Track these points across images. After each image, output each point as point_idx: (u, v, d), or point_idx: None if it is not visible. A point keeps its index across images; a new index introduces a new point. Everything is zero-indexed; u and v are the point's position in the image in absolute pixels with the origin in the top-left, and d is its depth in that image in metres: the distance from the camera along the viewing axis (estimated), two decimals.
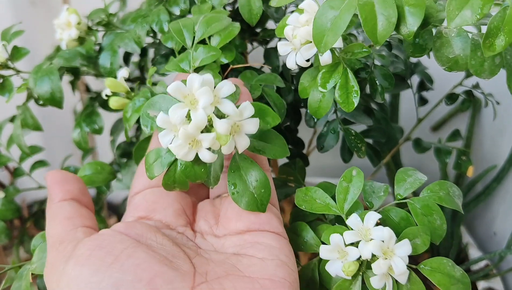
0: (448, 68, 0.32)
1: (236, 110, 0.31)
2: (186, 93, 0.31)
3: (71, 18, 0.50)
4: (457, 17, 0.29)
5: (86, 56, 0.48)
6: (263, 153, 0.34)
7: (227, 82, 0.32)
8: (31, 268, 0.38)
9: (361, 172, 0.37)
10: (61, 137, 0.79)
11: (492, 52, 0.28)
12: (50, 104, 0.45)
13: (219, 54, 0.38)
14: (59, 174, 0.39)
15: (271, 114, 0.34)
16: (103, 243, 0.31)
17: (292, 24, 0.36)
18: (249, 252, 0.33)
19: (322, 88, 0.36)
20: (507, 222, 0.67)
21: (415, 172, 0.39)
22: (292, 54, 0.38)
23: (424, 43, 0.33)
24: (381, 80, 0.40)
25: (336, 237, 0.34)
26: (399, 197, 0.38)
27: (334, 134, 0.46)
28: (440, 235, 0.36)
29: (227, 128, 0.30)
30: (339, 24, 0.28)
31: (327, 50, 0.29)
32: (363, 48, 0.34)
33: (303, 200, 0.38)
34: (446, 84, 0.63)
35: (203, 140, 0.31)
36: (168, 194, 0.37)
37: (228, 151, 0.32)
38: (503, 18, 0.28)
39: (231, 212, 0.36)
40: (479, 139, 0.73)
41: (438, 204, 0.36)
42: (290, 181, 0.47)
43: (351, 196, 0.36)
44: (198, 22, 0.39)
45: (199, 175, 0.34)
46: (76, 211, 0.36)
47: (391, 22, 0.28)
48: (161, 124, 0.31)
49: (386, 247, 0.33)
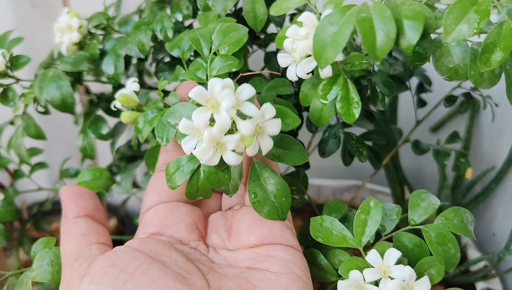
0: (448, 77, 0.33)
1: (258, 112, 0.31)
2: (208, 97, 0.31)
3: (72, 21, 0.49)
4: (454, 31, 0.29)
5: (92, 60, 0.47)
6: (282, 160, 0.35)
7: (247, 85, 0.32)
8: (31, 275, 0.38)
9: (379, 204, 0.37)
10: (60, 139, 0.79)
11: (488, 68, 0.29)
12: (62, 110, 0.45)
13: (236, 63, 0.38)
14: (73, 189, 0.39)
15: (291, 116, 0.34)
16: (117, 260, 0.31)
17: (292, 37, 0.36)
18: (263, 266, 0.33)
19: (323, 100, 0.36)
20: (506, 223, 0.68)
21: (428, 195, 0.39)
22: (292, 66, 0.38)
23: (424, 52, 0.33)
24: (382, 87, 0.40)
25: (355, 274, 0.33)
26: (412, 222, 0.38)
27: (335, 139, 0.46)
28: (454, 263, 0.36)
29: (251, 129, 0.31)
30: (339, 40, 0.28)
31: (327, 65, 0.29)
32: (363, 59, 0.34)
33: (319, 231, 0.37)
34: (445, 86, 0.64)
35: (228, 142, 0.31)
36: (179, 208, 0.37)
37: (252, 153, 0.32)
38: (499, 33, 0.28)
39: (243, 225, 0.36)
40: (478, 140, 0.73)
41: (452, 232, 0.36)
42: (293, 191, 0.47)
43: (369, 229, 0.36)
44: (215, 31, 0.39)
45: (223, 181, 0.34)
46: (90, 228, 0.37)
47: (391, 37, 0.28)
48: (184, 130, 0.32)
49: (406, 285, 0.33)
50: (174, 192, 0.38)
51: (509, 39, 0.28)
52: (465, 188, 0.73)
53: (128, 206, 0.74)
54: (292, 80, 0.38)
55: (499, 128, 0.68)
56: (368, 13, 0.29)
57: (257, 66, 0.52)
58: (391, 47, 0.27)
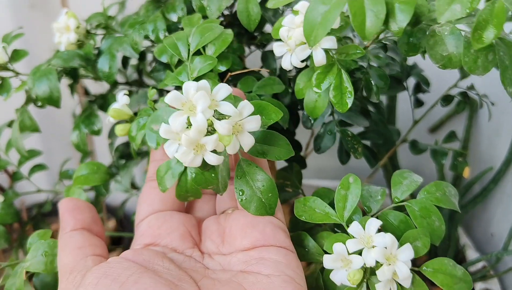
0: (442, 65, 0.33)
1: (235, 110, 0.32)
2: (183, 100, 0.31)
3: (69, 22, 0.50)
4: (447, 11, 0.29)
5: (85, 58, 0.48)
6: (266, 156, 0.35)
7: (224, 84, 0.33)
8: (25, 266, 0.38)
9: (358, 179, 0.37)
10: (60, 140, 0.79)
11: (480, 45, 0.29)
12: (48, 103, 0.45)
13: (215, 62, 0.38)
14: (71, 202, 0.40)
15: (272, 109, 0.34)
16: (110, 271, 0.31)
17: (287, 26, 0.37)
18: (255, 269, 0.33)
19: (317, 89, 0.36)
20: (504, 223, 0.68)
21: (410, 174, 0.40)
22: (287, 55, 0.38)
23: (417, 42, 0.34)
24: (377, 80, 0.40)
25: (339, 246, 0.34)
26: (396, 200, 0.38)
27: (330, 135, 0.46)
28: (439, 236, 0.36)
29: (228, 128, 0.31)
30: (329, 19, 0.29)
31: (316, 43, 0.30)
32: (357, 49, 0.35)
33: (303, 210, 0.38)
34: (442, 86, 0.64)
35: (206, 143, 0.31)
36: (173, 217, 0.38)
37: (233, 151, 0.32)
38: (492, 11, 0.29)
39: (236, 229, 0.36)
40: (476, 140, 0.73)
41: (436, 205, 0.37)
42: (287, 185, 0.47)
43: (350, 203, 0.37)
44: (191, 33, 0.40)
45: (210, 181, 0.34)
46: (86, 241, 0.37)
47: (380, 18, 0.28)
48: (164, 135, 0.32)
49: (389, 253, 0.33)
50: (167, 201, 0.39)
51: (502, 16, 0.28)
52: (463, 189, 0.73)
53: (127, 207, 0.75)
54: (287, 68, 0.38)
55: (497, 128, 0.68)
56: None
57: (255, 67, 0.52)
58: (379, 27, 0.28)
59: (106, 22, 0.52)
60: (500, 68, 0.31)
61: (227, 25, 0.51)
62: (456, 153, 0.63)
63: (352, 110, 0.46)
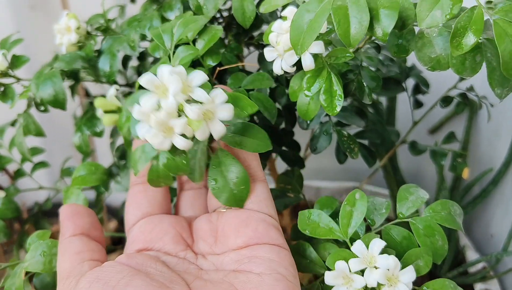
0: (431, 68, 0.33)
1: (208, 97, 0.32)
2: (158, 83, 0.32)
3: (70, 23, 0.51)
4: (427, 17, 0.29)
5: (86, 59, 0.49)
6: (243, 147, 0.35)
7: (199, 71, 0.33)
8: (24, 266, 0.38)
9: (364, 195, 0.37)
10: (61, 141, 0.80)
11: (460, 52, 0.29)
12: (54, 106, 0.46)
13: (197, 52, 0.39)
14: (71, 208, 0.40)
15: (248, 102, 0.35)
16: (102, 275, 0.32)
17: (276, 31, 0.37)
18: (247, 268, 0.33)
19: (308, 92, 0.36)
20: (504, 224, 0.68)
21: (417, 189, 0.40)
22: (277, 60, 0.38)
23: (407, 44, 0.34)
24: (369, 81, 0.40)
25: (341, 264, 0.34)
26: (401, 216, 0.38)
27: (326, 135, 0.46)
28: (442, 255, 0.36)
29: (197, 113, 0.31)
30: (315, 27, 0.29)
31: (304, 51, 0.30)
32: (346, 52, 0.35)
33: (306, 224, 0.38)
34: (441, 87, 0.64)
35: (175, 125, 0.31)
36: (163, 221, 0.38)
37: (202, 137, 0.32)
38: (470, 17, 0.29)
39: (229, 229, 0.36)
40: (476, 141, 0.73)
41: (440, 224, 0.37)
42: (288, 190, 0.48)
43: (354, 220, 0.37)
44: (176, 25, 0.40)
45: (181, 167, 0.34)
46: (85, 246, 0.37)
47: (363, 25, 0.28)
48: (136, 116, 0.32)
49: (391, 274, 0.33)
50: (155, 203, 0.39)
51: (480, 23, 0.28)
52: (463, 190, 0.73)
53: None
54: (278, 73, 0.39)
55: (496, 129, 0.68)
56: (344, 1, 0.29)
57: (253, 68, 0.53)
58: (364, 34, 0.28)
59: (106, 23, 0.53)
60: (487, 69, 0.31)
61: (226, 25, 0.52)
62: (455, 154, 0.63)
63: (348, 110, 0.47)
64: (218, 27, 0.41)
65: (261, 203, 0.37)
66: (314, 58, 0.35)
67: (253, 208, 0.37)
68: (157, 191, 0.40)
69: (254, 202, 0.37)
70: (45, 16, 0.79)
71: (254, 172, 0.37)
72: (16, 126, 0.52)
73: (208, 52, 0.41)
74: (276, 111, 0.42)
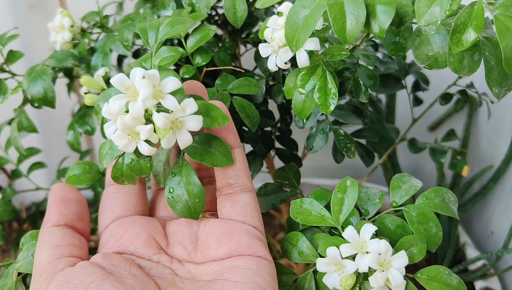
0: (428, 66, 0.32)
1: (178, 106, 0.31)
2: (128, 85, 0.31)
3: (64, 21, 0.51)
4: (426, 14, 0.29)
5: (78, 57, 0.48)
6: (203, 160, 0.34)
7: (173, 78, 0.32)
8: (16, 267, 0.38)
9: (355, 182, 0.37)
10: (59, 139, 0.80)
11: (460, 48, 0.28)
12: (43, 103, 0.45)
13: (179, 56, 0.38)
14: (61, 192, 0.38)
15: (219, 114, 0.34)
16: (71, 278, 0.31)
17: (271, 27, 0.37)
18: (224, 277, 0.33)
19: (302, 89, 0.36)
20: (504, 221, 0.67)
21: (410, 178, 0.39)
22: (272, 56, 0.38)
23: (404, 41, 0.33)
24: (365, 79, 0.40)
25: (332, 250, 0.33)
26: (394, 204, 0.38)
27: (323, 134, 0.46)
28: (436, 242, 0.36)
29: (164, 122, 0.30)
30: (310, 23, 0.29)
31: (299, 48, 0.29)
32: (342, 50, 0.34)
33: (298, 212, 0.38)
34: (441, 84, 0.64)
35: (141, 131, 0.31)
36: (134, 223, 0.37)
37: (167, 145, 0.32)
38: (470, 13, 0.28)
39: (211, 239, 0.35)
40: (476, 138, 0.73)
41: (434, 211, 0.36)
42: (285, 185, 0.47)
43: (346, 207, 0.36)
44: (164, 23, 0.40)
45: (144, 169, 0.34)
46: (67, 239, 0.35)
47: (360, 21, 0.28)
48: (105, 115, 0.31)
49: (383, 260, 0.33)
50: (127, 206, 0.38)
51: (481, 19, 0.28)
52: (463, 187, 0.73)
53: None
54: (272, 70, 0.38)
55: (496, 126, 0.68)
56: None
57: (251, 65, 0.52)
58: (360, 30, 0.27)
59: (101, 21, 0.53)
60: (485, 68, 0.30)
61: (221, 23, 0.51)
62: (455, 152, 0.63)
63: (345, 109, 0.46)
64: (212, 26, 0.41)
65: (247, 214, 0.36)
66: (309, 55, 0.35)
67: (238, 219, 0.36)
68: (132, 192, 0.38)
69: (239, 213, 0.36)
70: (43, 15, 0.79)
71: (242, 182, 0.37)
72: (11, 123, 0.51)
73: (198, 50, 0.41)
74: (258, 119, 0.42)
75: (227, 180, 0.36)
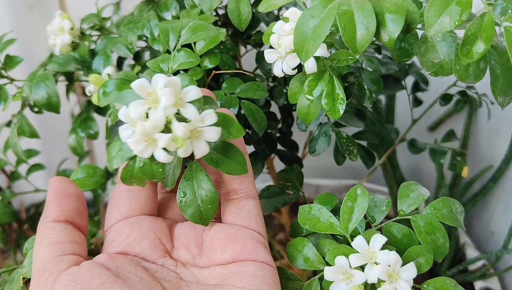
0: (434, 73, 0.32)
1: (198, 116, 0.31)
2: (150, 91, 0.31)
3: (63, 23, 0.50)
4: (435, 23, 0.28)
5: (80, 61, 0.48)
6: (218, 167, 0.34)
7: (194, 87, 0.32)
8: (22, 272, 0.37)
9: (366, 191, 0.37)
10: (58, 140, 0.79)
11: (469, 60, 0.28)
12: (47, 109, 0.45)
13: (198, 61, 0.38)
14: (61, 185, 0.37)
15: (235, 126, 0.33)
16: (79, 278, 0.30)
17: (277, 33, 0.36)
18: (230, 282, 0.33)
19: (309, 96, 0.36)
20: (504, 221, 0.67)
21: (417, 186, 0.39)
22: (278, 62, 0.38)
23: (410, 47, 0.33)
24: (369, 84, 0.39)
25: (341, 259, 0.33)
26: (402, 213, 0.37)
27: (325, 137, 0.46)
28: (443, 253, 0.36)
29: (184, 132, 0.30)
30: (319, 33, 0.28)
31: (308, 58, 0.29)
32: (349, 56, 0.34)
33: (307, 218, 0.38)
34: (441, 85, 0.63)
35: (159, 139, 0.31)
36: (141, 224, 0.36)
37: (184, 155, 0.31)
38: (480, 25, 0.28)
39: (216, 243, 0.35)
40: (476, 139, 0.73)
41: (441, 221, 0.36)
42: (288, 187, 0.47)
43: (355, 216, 0.36)
44: (186, 27, 0.39)
45: (156, 174, 0.34)
46: (67, 236, 0.34)
47: (370, 31, 0.27)
48: (123, 118, 0.31)
49: (392, 271, 0.33)
50: (136, 206, 0.37)
51: (490, 30, 0.28)
52: (463, 187, 0.73)
53: None
54: (278, 75, 0.38)
55: (496, 126, 0.68)
56: (349, 6, 0.28)
57: (251, 66, 0.52)
58: (371, 40, 0.27)
59: (100, 23, 0.52)
60: (491, 77, 0.30)
61: (222, 24, 0.51)
62: (454, 152, 0.63)
63: (347, 112, 0.46)
64: (222, 30, 0.41)
65: (251, 220, 0.36)
66: (316, 61, 0.35)
67: (243, 224, 0.36)
68: (142, 191, 0.38)
69: (244, 218, 0.36)
70: (43, 16, 0.79)
71: (247, 188, 0.37)
72: (11, 127, 0.51)
73: (207, 53, 0.41)
74: (265, 124, 0.42)
75: (233, 185, 0.36)
